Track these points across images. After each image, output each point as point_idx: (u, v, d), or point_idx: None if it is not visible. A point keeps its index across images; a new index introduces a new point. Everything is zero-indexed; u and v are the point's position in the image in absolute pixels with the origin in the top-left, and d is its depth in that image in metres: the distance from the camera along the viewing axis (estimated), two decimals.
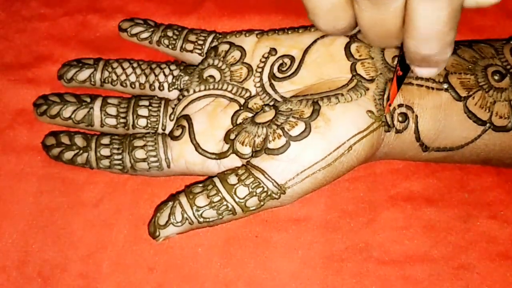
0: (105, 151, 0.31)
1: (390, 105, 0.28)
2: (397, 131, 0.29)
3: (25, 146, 0.34)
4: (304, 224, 0.32)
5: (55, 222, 0.32)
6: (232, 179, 0.28)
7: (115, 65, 0.34)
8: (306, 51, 0.31)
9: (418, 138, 0.30)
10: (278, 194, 0.28)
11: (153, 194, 0.32)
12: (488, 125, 0.30)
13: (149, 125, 0.32)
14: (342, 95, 0.29)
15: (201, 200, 0.28)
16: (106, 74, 0.33)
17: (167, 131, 0.32)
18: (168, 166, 0.30)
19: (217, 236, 0.31)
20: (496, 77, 0.30)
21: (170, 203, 0.28)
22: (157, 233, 0.28)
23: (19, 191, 0.32)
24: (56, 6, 0.38)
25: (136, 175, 0.32)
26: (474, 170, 0.33)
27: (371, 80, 0.29)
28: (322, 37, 0.31)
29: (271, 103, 0.30)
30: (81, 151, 0.31)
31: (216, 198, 0.28)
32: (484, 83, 0.30)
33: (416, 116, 0.29)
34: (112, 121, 0.32)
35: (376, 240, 0.31)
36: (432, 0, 0.20)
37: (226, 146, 0.30)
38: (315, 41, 0.31)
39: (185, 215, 0.28)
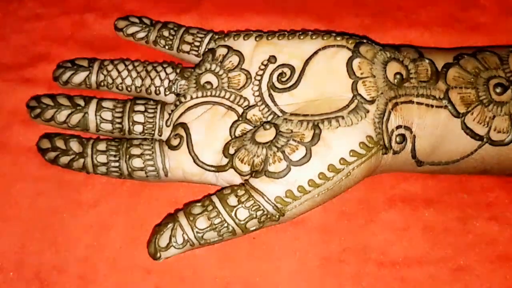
0: (101, 158, 0.31)
1: None
2: (394, 152, 0.29)
3: (21, 147, 0.33)
4: (302, 225, 0.32)
5: (52, 224, 0.32)
6: (232, 201, 0.28)
7: (110, 67, 0.33)
8: (306, 62, 0.30)
9: (414, 156, 0.30)
10: (277, 216, 0.28)
11: (151, 196, 0.32)
12: (485, 140, 0.29)
13: (146, 131, 0.32)
14: (343, 118, 0.28)
15: (202, 222, 0.28)
16: (101, 77, 0.33)
17: (163, 137, 0.32)
18: (166, 175, 0.30)
19: None
20: (498, 90, 0.29)
21: (170, 225, 0.28)
22: (158, 255, 0.28)
23: (16, 193, 0.32)
24: (53, 6, 0.38)
25: (134, 179, 0.32)
26: None
27: (372, 102, 0.29)
28: (324, 48, 0.30)
29: (271, 117, 0.30)
30: (77, 157, 0.31)
31: (217, 220, 0.28)
32: (484, 97, 0.29)
33: (414, 136, 0.29)
34: (107, 127, 0.32)
35: (374, 241, 0.31)
36: None
37: (225, 160, 0.30)
38: (316, 52, 0.30)
39: (186, 238, 0.28)
